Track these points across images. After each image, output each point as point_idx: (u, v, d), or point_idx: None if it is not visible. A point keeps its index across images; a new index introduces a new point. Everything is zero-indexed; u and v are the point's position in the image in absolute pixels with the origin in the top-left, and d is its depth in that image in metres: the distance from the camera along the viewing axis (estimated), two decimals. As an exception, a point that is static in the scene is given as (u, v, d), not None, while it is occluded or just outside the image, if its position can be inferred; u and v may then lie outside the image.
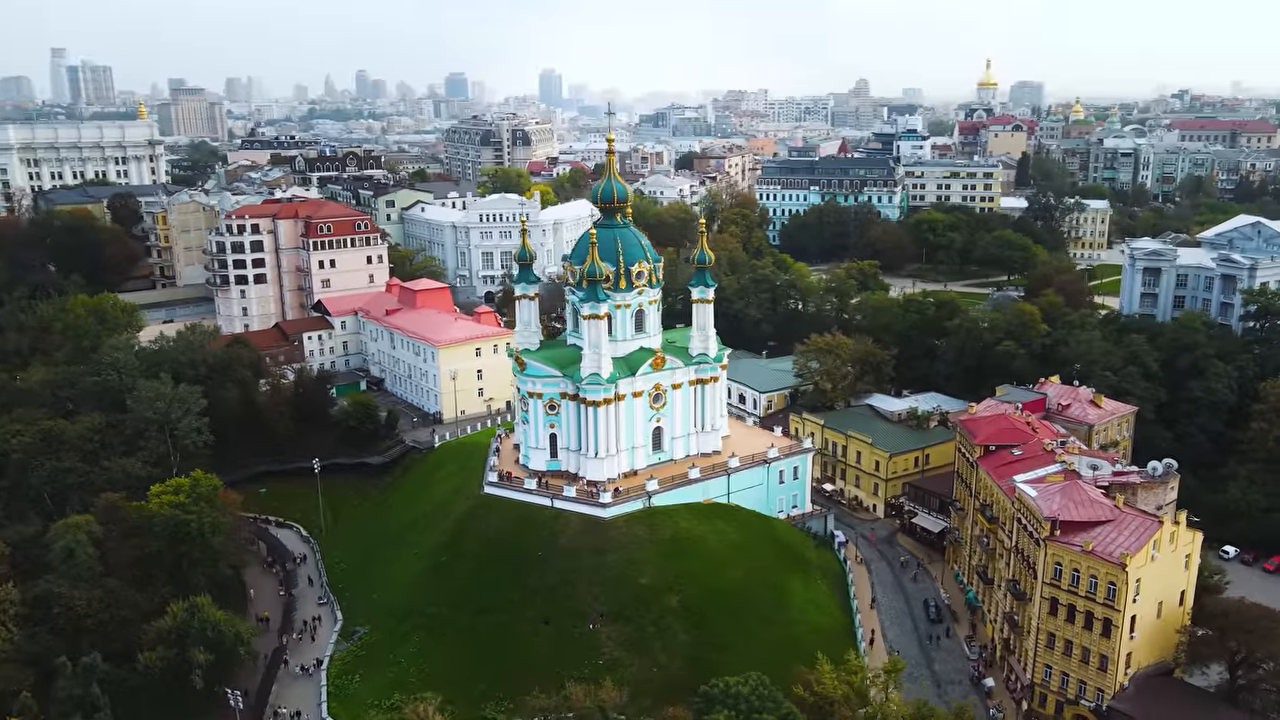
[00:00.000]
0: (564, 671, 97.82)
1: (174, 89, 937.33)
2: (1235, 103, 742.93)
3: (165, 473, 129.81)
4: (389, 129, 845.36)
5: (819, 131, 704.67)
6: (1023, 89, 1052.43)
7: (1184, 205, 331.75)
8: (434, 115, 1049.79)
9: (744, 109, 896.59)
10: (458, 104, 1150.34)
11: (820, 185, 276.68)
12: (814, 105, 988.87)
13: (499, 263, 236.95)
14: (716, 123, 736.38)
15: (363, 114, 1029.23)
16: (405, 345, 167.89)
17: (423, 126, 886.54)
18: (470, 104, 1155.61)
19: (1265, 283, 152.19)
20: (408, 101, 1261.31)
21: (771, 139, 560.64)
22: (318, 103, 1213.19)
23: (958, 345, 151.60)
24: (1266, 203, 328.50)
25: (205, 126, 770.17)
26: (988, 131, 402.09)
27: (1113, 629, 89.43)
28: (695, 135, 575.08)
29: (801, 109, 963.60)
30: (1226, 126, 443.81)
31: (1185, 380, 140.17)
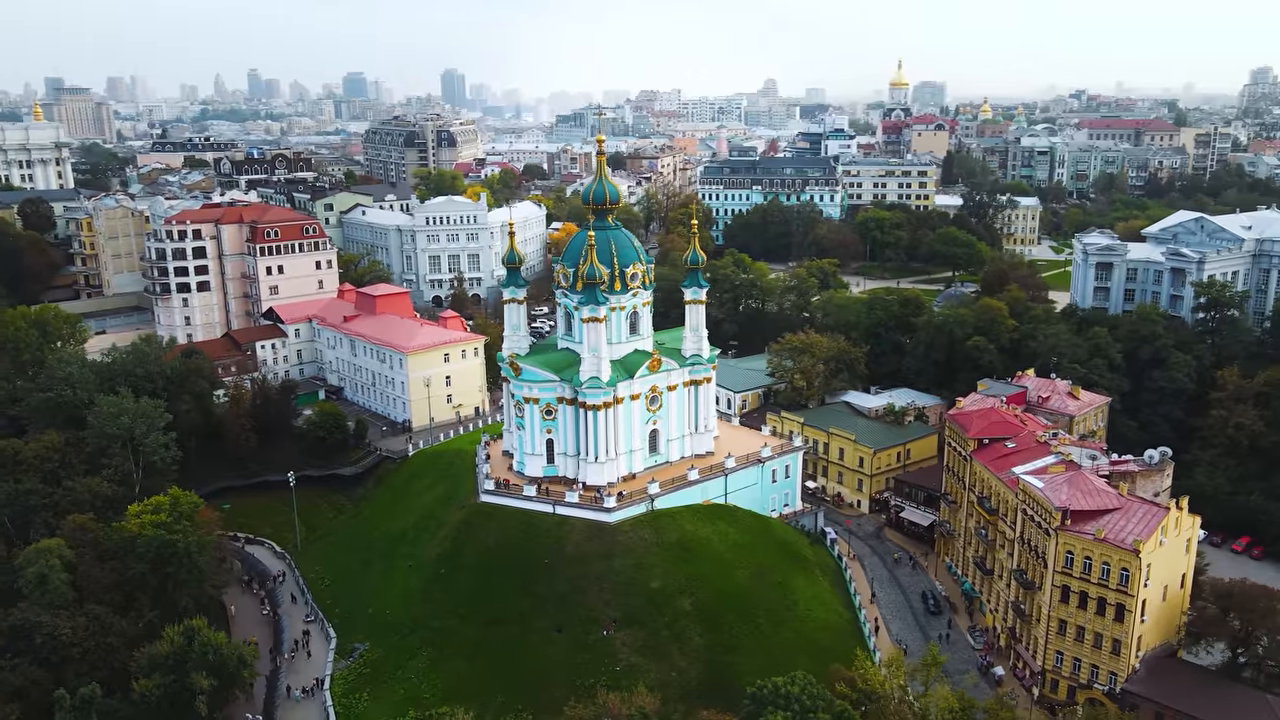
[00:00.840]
0: (580, 680, 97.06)
1: (54, 88, 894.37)
2: (1129, 102, 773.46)
3: (130, 491, 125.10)
4: (289, 130, 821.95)
5: (737, 131, 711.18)
6: (925, 89, 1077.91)
7: (1101, 201, 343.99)
8: (335, 115, 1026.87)
9: (658, 109, 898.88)
10: (359, 104, 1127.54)
11: (762, 185, 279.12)
12: (727, 105, 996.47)
13: (446, 266, 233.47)
14: (635, 123, 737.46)
15: (259, 114, 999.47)
16: (369, 352, 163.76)
17: (324, 127, 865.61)
18: (372, 104, 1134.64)
19: (1212, 275, 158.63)
20: (305, 102, 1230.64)
21: (693, 139, 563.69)
22: (209, 103, 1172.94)
23: (926, 341, 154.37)
24: (1175, 198, 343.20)
25: (92, 128, 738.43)
26: (910, 131, 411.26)
27: (1126, 614, 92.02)
28: (615, 135, 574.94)
29: (715, 109, 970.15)
30: (1130, 125, 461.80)
31: (1147, 370, 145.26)
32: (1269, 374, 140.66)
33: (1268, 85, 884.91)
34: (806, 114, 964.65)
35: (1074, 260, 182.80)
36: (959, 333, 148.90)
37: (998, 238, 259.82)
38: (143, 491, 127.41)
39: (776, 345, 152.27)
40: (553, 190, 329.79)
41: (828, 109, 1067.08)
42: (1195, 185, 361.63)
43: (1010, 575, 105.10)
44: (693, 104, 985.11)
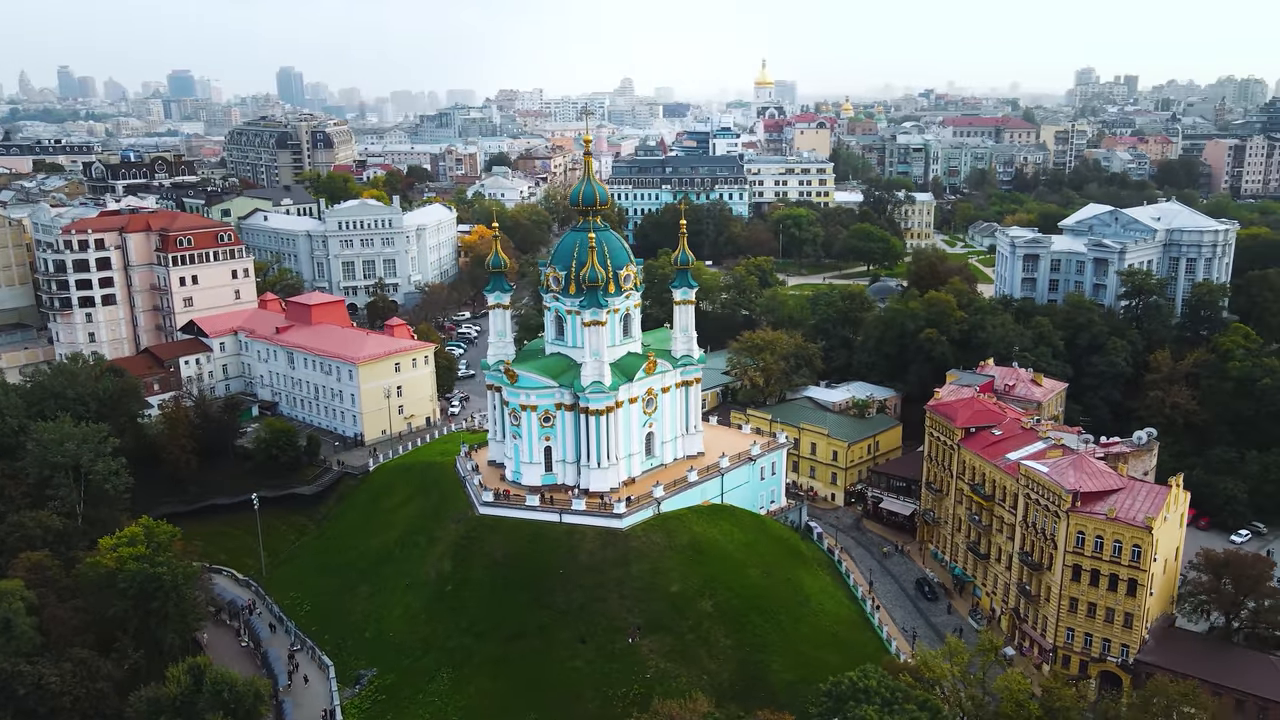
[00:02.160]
0: (611, 690, 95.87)
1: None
2: (975, 100, 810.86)
3: (74, 524, 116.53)
4: (117, 131, 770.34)
5: (607, 130, 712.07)
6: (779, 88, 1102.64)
7: (977, 196, 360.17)
8: (165, 115, 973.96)
9: (521, 109, 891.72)
10: (190, 103, 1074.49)
11: (672, 184, 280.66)
12: (590, 104, 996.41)
13: (361, 272, 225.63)
14: (502, 123, 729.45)
15: (77, 114, 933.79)
16: (312, 364, 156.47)
17: (155, 128, 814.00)
18: (204, 104, 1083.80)
19: (1132, 264, 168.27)
20: (127, 101, 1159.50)
21: (569, 138, 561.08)
22: (17, 102, 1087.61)
23: (877, 335, 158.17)
24: (1042, 192, 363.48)
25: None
26: (792, 129, 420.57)
27: (1138, 588, 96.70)
28: (482, 135, 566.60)
29: (579, 108, 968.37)
30: (991, 123, 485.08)
31: (1085, 356, 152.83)
32: (1196, 356, 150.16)
33: (1093, 85, 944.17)
34: (671, 113, 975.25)
35: (999, 253, 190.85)
36: (910, 326, 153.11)
37: (900, 232, 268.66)
38: (87, 523, 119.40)
39: (736, 343, 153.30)
40: (447, 193, 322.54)
41: (688, 108, 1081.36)
42: (1058, 179, 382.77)
43: (1010, 558, 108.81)
44: (555, 103, 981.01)
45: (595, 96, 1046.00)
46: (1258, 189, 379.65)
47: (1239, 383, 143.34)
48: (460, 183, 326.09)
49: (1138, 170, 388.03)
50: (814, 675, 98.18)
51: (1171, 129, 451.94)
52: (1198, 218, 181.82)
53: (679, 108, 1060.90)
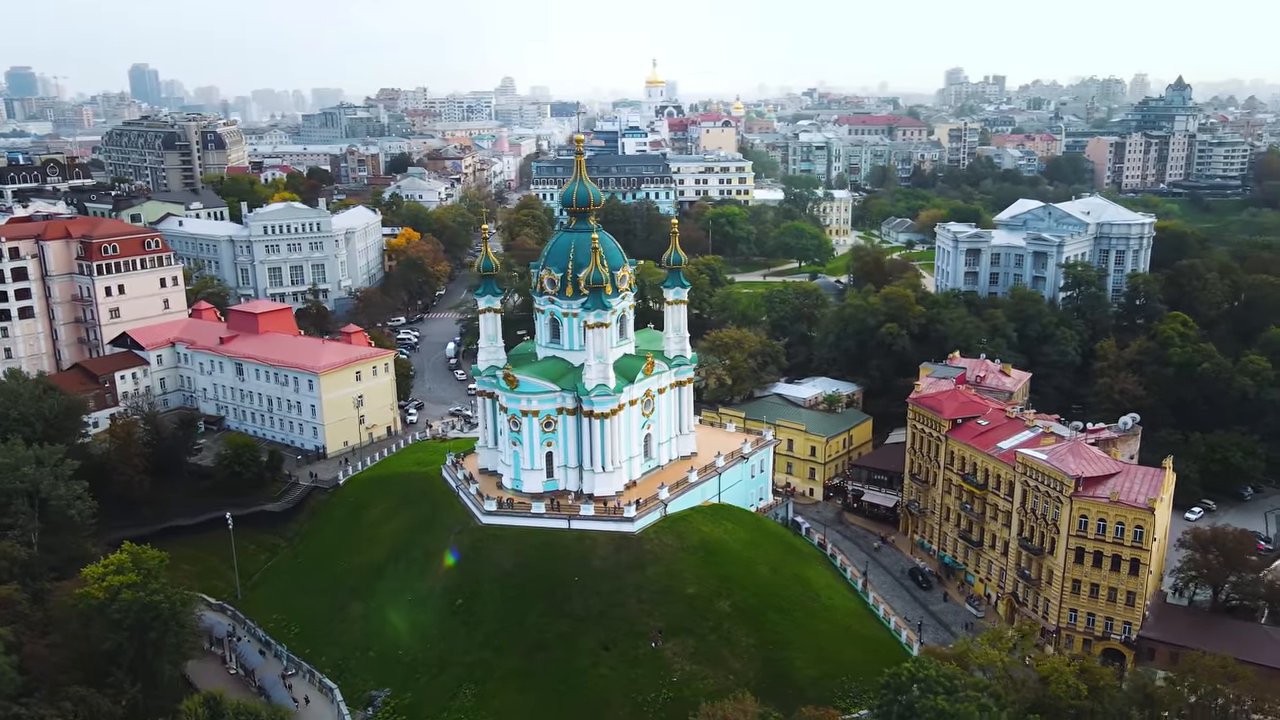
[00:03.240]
0: (640, 696, 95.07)
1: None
2: (856, 99, 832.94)
3: (33, 553, 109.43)
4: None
5: (490, 129, 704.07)
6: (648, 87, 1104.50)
7: (881, 193, 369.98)
8: (8, 115, 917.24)
9: (408, 108, 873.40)
10: (36, 102, 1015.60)
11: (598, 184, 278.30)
12: (476, 103, 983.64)
13: (289, 278, 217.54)
14: (390, 123, 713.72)
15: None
16: (265, 375, 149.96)
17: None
18: (51, 102, 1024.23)
19: (1069, 257, 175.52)
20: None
21: (466, 136, 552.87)
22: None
23: (836, 330, 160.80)
24: (943, 188, 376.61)
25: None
26: (698, 128, 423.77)
27: (1140, 567, 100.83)
28: (370, 135, 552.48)
29: (465, 107, 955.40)
30: (883, 122, 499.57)
31: (1037, 347, 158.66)
32: (1138, 344, 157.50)
33: (964, 85, 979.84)
34: (558, 112, 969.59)
35: (939, 248, 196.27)
36: (871, 321, 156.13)
37: (824, 229, 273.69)
38: (45, 551, 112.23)
39: (704, 342, 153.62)
40: (358, 194, 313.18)
41: (576, 108, 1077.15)
42: (955, 176, 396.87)
43: (1005, 544, 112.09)
44: (441, 102, 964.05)
45: (481, 95, 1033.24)
46: (1137, 184, 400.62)
47: (1180, 368, 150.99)
48: (374, 184, 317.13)
49: (1027, 167, 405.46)
50: (836, 669, 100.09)
51: (1055, 127, 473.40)
52: (1123, 212, 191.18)
53: (566, 107, 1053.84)
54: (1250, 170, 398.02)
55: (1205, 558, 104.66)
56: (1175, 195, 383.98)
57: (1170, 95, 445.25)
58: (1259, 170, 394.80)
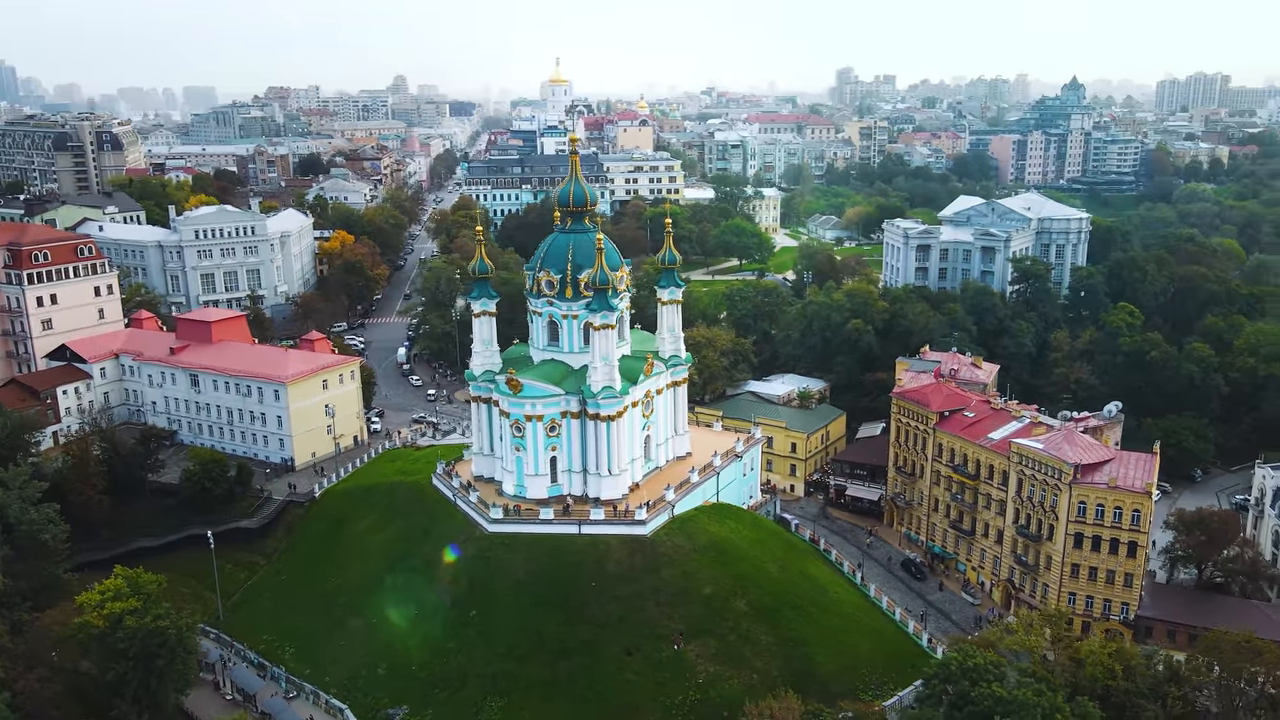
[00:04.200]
0: (667, 699, 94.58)
1: None
2: (755, 98, 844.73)
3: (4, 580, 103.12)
4: None
5: (392, 129, 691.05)
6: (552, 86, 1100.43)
7: (799, 190, 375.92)
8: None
9: (298, 106, 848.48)
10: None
11: (532, 184, 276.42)
12: (371, 102, 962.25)
13: (222, 284, 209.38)
14: (286, 122, 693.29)
15: None
16: (225, 386, 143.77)
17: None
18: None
19: (1015, 251, 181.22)
20: None
21: (373, 137, 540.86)
22: None
23: (801, 327, 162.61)
24: (858, 185, 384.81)
25: None
26: (615, 127, 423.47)
27: (1138, 549, 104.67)
28: (266, 135, 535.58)
29: (360, 106, 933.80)
30: (792, 120, 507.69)
31: (994, 339, 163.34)
32: (1088, 334, 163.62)
33: (856, 84, 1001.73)
34: (457, 111, 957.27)
35: (888, 244, 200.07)
36: (836, 317, 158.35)
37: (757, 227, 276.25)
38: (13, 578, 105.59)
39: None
40: (277, 196, 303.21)
41: (474, 107, 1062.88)
42: (869, 173, 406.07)
43: (999, 532, 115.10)
44: (334, 101, 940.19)
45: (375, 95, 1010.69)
46: (1039, 180, 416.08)
47: (1129, 357, 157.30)
48: (292, 185, 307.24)
49: (936, 164, 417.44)
50: (855, 662, 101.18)
51: (960, 125, 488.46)
52: (1061, 207, 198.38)
53: (464, 106, 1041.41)
54: (1142, 166, 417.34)
55: (1191, 538, 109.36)
56: (1074, 190, 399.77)
57: (1065, 95, 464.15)
58: (1149, 166, 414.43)
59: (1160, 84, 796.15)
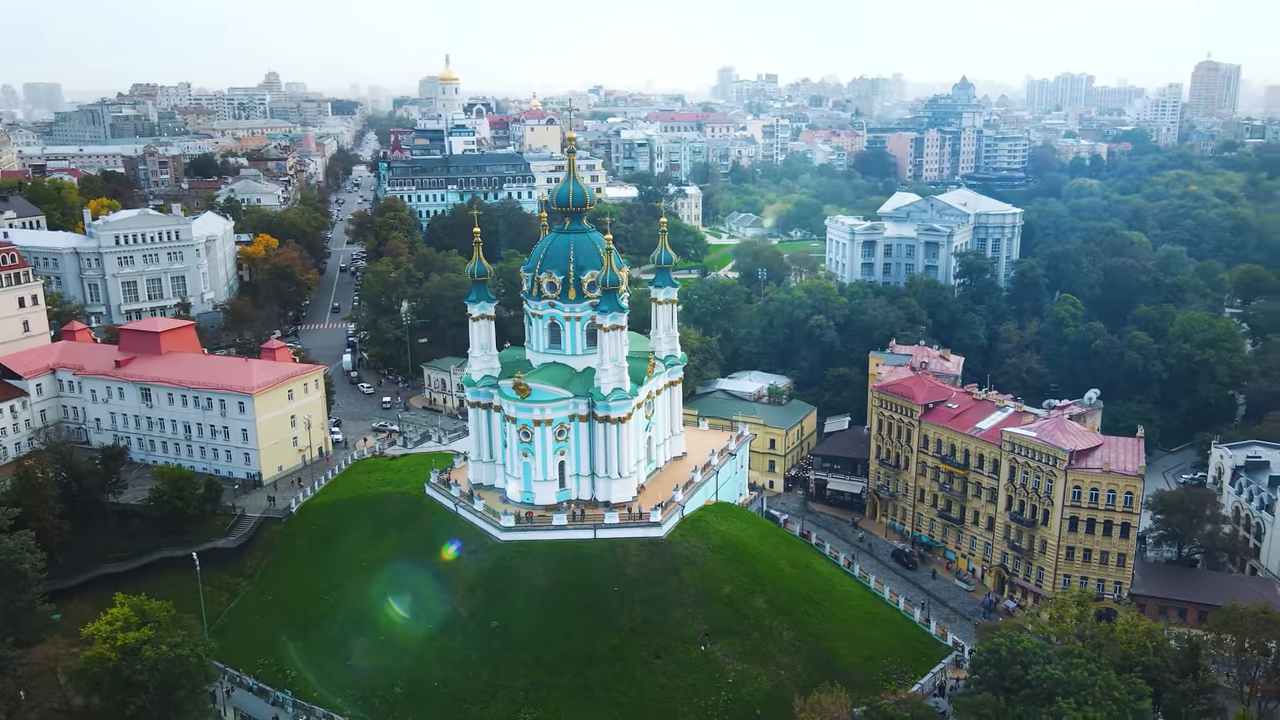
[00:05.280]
0: (701, 701, 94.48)
1: None
2: (642, 98, 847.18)
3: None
4: None
5: (277, 128, 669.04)
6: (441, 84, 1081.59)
7: (709, 188, 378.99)
8: None
9: (172, 104, 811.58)
10: None
11: (458, 184, 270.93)
12: (248, 100, 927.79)
13: (145, 292, 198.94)
14: (161, 121, 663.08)
15: None
16: (183, 400, 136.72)
17: None
18: None
19: (958, 246, 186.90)
20: None
21: (261, 137, 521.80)
22: None
23: (763, 324, 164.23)
24: (765, 183, 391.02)
25: None
26: (522, 125, 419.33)
27: (1130, 530, 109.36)
28: (139, 136, 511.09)
29: (235, 105, 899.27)
30: (693, 119, 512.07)
31: (946, 331, 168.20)
32: (1034, 325, 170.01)
33: (742, 83, 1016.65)
34: (340, 110, 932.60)
35: (832, 240, 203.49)
36: (799, 314, 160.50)
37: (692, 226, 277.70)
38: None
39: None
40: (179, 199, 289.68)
41: (356, 106, 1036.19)
42: (774, 171, 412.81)
43: (990, 519, 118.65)
44: (208, 99, 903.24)
45: (251, 93, 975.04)
46: (936, 176, 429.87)
47: (1074, 346, 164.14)
48: (199, 187, 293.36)
49: (839, 162, 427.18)
50: (875, 654, 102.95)
51: (857, 124, 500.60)
52: (995, 203, 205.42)
53: (346, 105, 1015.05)
54: (1030, 162, 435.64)
55: (1173, 518, 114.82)
56: (970, 186, 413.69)
57: (956, 93, 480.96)
58: (1038, 162, 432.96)
59: (1030, 84, 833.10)
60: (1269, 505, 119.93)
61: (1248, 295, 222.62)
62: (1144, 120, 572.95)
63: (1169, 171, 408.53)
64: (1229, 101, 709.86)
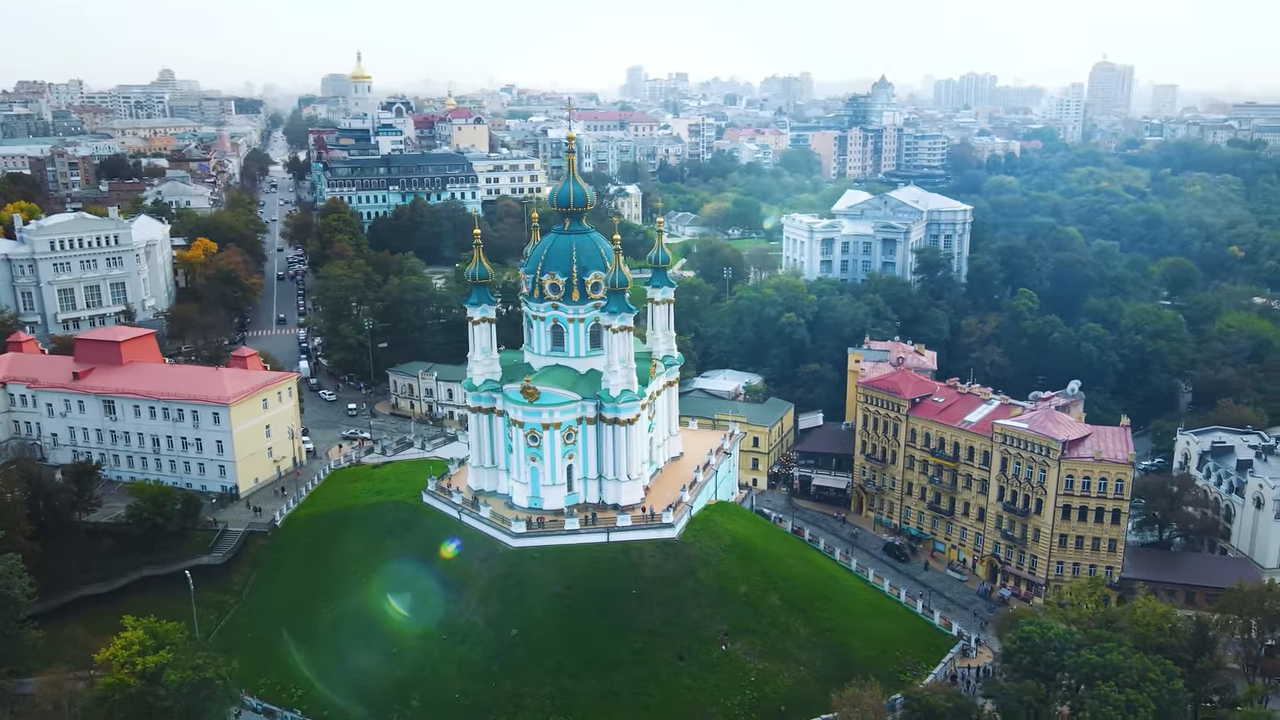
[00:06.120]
0: (727, 700, 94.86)
1: None
2: (555, 96, 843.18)
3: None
4: None
5: (181, 126, 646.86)
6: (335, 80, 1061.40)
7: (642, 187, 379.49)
8: None
9: (61, 103, 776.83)
10: None
11: (400, 185, 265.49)
12: (145, 98, 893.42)
13: (84, 300, 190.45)
14: (56, 120, 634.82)
15: None
16: (151, 412, 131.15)
17: None
18: None
19: (914, 242, 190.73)
20: None
21: (170, 137, 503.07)
22: None
23: (733, 323, 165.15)
24: (694, 181, 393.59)
25: None
26: (448, 125, 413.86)
27: (1121, 516, 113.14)
28: (35, 137, 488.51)
29: (132, 103, 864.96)
30: (616, 117, 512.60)
31: (910, 327, 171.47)
32: (994, 320, 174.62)
33: (655, 82, 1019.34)
34: (243, 109, 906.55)
35: (789, 238, 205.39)
36: (770, 312, 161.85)
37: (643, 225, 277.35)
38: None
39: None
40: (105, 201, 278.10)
41: (260, 105, 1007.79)
42: (702, 169, 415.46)
43: (981, 510, 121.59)
44: (103, 96, 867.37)
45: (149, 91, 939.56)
46: (859, 174, 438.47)
47: (1033, 339, 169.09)
48: (121, 190, 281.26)
49: (765, 160, 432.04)
50: (888, 646, 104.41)
51: (780, 122, 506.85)
52: (945, 199, 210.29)
53: (252, 104, 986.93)
54: (949, 160, 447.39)
55: (1157, 502, 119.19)
56: (893, 184, 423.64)
57: (875, 92, 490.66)
58: (956, 160, 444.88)
59: (937, 84, 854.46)
60: (1238, 488, 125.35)
61: (1175, 287, 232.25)
62: (1050, 118, 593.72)
63: (1081, 168, 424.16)
64: (1124, 100, 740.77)
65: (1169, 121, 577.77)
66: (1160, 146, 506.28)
